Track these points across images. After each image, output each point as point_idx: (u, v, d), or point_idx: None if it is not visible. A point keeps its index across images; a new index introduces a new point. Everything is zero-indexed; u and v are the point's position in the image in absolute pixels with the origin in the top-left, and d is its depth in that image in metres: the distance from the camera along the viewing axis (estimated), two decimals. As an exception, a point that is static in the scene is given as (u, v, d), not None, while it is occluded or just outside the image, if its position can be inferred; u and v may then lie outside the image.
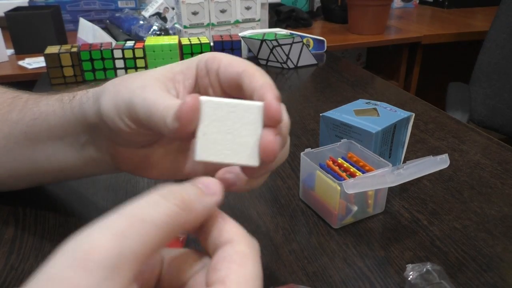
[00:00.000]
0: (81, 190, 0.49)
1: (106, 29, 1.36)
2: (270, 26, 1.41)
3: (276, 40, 0.93)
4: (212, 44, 0.94)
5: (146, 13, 1.41)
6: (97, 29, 1.15)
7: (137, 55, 0.87)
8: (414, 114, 0.51)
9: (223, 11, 1.09)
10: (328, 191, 0.41)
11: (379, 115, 0.49)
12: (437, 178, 0.51)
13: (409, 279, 0.34)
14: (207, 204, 0.22)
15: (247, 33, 1.00)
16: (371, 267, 0.37)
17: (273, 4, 1.56)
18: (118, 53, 0.86)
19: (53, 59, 0.85)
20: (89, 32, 1.16)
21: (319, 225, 0.43)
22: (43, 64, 0.92)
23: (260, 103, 0.25)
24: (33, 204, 0.46)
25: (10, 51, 1.23)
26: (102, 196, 0.48)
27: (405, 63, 1.61)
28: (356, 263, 0.38)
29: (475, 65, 1.31)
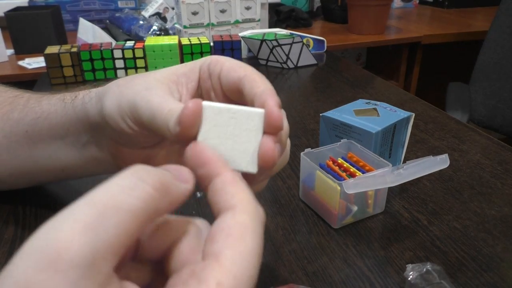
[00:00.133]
0: (81, 189, 0.49)
1: (106, 29, 1.36)
2: (270, 26, 1.41)
3: (276, 40, 0.93)
4: (212, 44, 0.93)
5: (146, 13, 1.41)
6: (97, 29, 1.15)
7: (137, 55, 0.87)
8: (414, 114, 0.51)
9: (223, 11, 1.09)
10: (328, 191, 0.41)
11: (379, 115, 0.49)
12: (437, 178, 0.51)
13: (409, 279, 0.34)
14: (182, 190, 0.21)
15: (247, 33, 1.00)
16: (371, 267, 0.37)
17: (273, 4, 1.56)
18: (118, 53, 0.86)
19: (53, 59, 0.85)
20: (89, 32, 1.16)
21: (319, 225, 0.43)
22: (43, 64, 0.92)
23: (261, 110, 0.25)
24: (33, 203, 0.46)
25: (10, 51, 1.23)
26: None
27: (405, 63, 1.62)
28: (356, 263, 0.38)
29: (475, 65, 1.31)
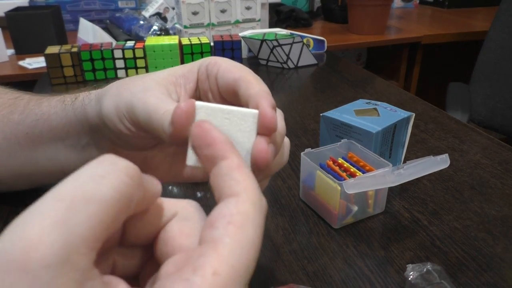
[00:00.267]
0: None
1: (106, 29, 1.36)
2: (270, 26, 1.41)
3: (276, 40, 0.93)
4: (212, 44, 0.94)
5: (146, 13, 1.41)
6: (98, 29, 1.15)
7: (137, 55, 0.87)
8: (414, 114, 0.51)
9: (223, 11, 1.09)
10: (328, 191, 0.41)
11: (379, 115, 0.49)
12: (437, 178, 0.51)
13: (410, 279, 0.34)
14: (153, 186, 0.20)
15: (247, 33, 1.00)
16: (371, 267, 0.37)
17: (273, 4, 1.56)
18: (118, 53, 0.86)
19: (54, 59, 0.85)
20: (90, 32, 1.16)
21: (319, 225, 0.43)
22: (44, 64, 0.92)
23: (255, 111, 0.25)
24: (33, 203, 0.46)
25: (11, 51, 1.23)
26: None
27: (405, 63, 1.62)
28: (356, 263, 0.38)
29: (475, 65, 1.31)
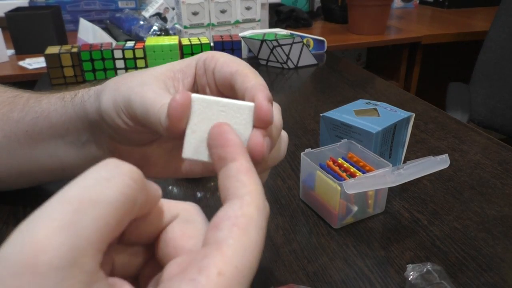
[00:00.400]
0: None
1: (106, 29, 1.36)
2: (270, 26, 1.41)
3: (276, 40, 0.93)
4: (212, 44, 0.94)
5: (146, 14, 1.41)
6: (97, 29, 1.15)
7: (137, 55, 0.87)
8: (414, 114, 0.51)
9: (223, 11, 1.09)
10: (328, 191, 0.41)
11: (379, 115, 0.49)
12: (437, 178, 0.51)
13: (410, 279, 0.34)
14: (154, 190, 0.20)
15: (247, 33, 1.00)
16: (371, 267, 0.37)
17: (273, 4, 1.56)
18: (118, 54, 0.86)
19: (54, 59, 0.85)
20: (90, 33, 1.16)
21: (319, 225, 0.43)
22: (44, 65, 0.92)
23: (251, 104, 0.25)
24: (33, 204, 0.46)
25: (11, 51, 1.23)
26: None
27: (405, 63, 1.62)
28: (356, 263, 0.38)
29: (475, 65, 1.31)
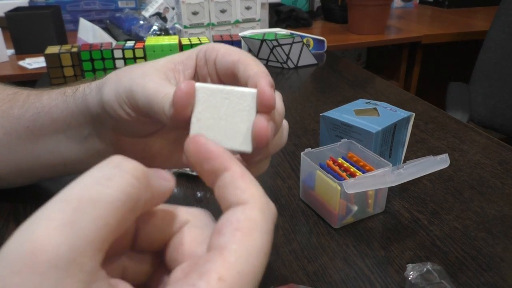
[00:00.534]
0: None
1: (106, 29, 1.36)
2: (270, 26, 1.41)
3: (276, 40, 0.93)
4: (212, 44, 0.94)
5: (146, 13, 1.41)
6: (97, 29, 1.15)
7: (137, 55, 0.87)
8: (414, 114, 0.51)
9: (223, 11, 1.09)
10: (328, 191, 0.41)
11: (379, 115, 0.49)
12: (437, 178, 0.51)
13: (410, 279, 0.34)
14: (163, 186, 0.20)
15: (247, 33, 1.00)
16: (371, 267, 0.37)
17: (273, 4, 1.56)
18: (118, 53, 0.86)
19: (54, 59, 0.85)
20: (89, 32, 1.16)
21: (319, 225, 0.43)
22: (44, 64, 0.92)
23: (253, 90, 0.26)
24: (33, 204, 0.46)
25: (11, 51, 1.23)
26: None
27: (405, 63, 1.62)
28: (356, 263, 0.38)
29: (475, 65, 1.31)
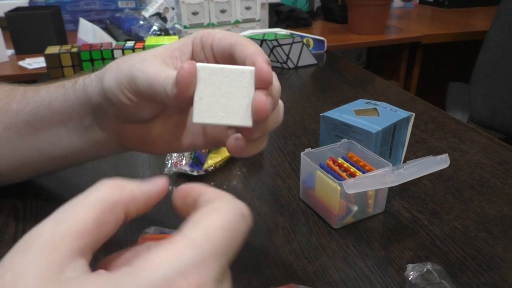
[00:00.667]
0: (82, 189, 0.49)
1: (106, 29, 1.36)
2: (270, 26, 1.41)
3: (276, 40, 0.93)
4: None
5: (146, 13, 1.41)
6: (97, 29, 1.15)
7: (137, 55, 0.87)
8: (414, 114, 0.51)
9: (223, 11, 1.09)
10: (328, 191, 0.41)
11: (379, 115, 0.49)
12: (437, 178, 0.51)
13: (410, 279, 0.34)
14: (145, 187, 0.22)
15: (247, 33, 1.00)
16: (371, 267, 0.37)
17: (273, 4, 1.56)
18: (118, 53, 0.86)
19: (54, 59, 0.85)
20: (89, 32, 1.16)
21: (319, 225, 0.43)
22: (43, 65, 0.92)
23: (252, 68, 0.28)
24: (33, 204, 0.46)
25: (10, 51, 1.23)
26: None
27: (405, 63, 1.61)
28: (356, 263, 0.38)
29: (475, 65, 1.31)
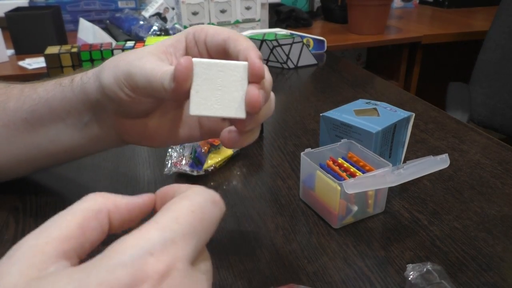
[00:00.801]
0: (82, 190, 0.49)
1: (106, 29, 1.36)
2: (270, 26, 1.41)
3: (276, 40, 0.93)
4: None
5: (146, 13, 1.41)
6: (97, 29, 1.15)
7: (137, 55, 0.87)
8: (414, 114, 0.51)
9: (223, 11, 1.09)
10: (328, 191, 0.41)
11: (379, 115, 0.49)
12: (437, 178, 0.51)
13: (410, 279, 0.34)
14: (128, 198, 0.23)
15: (247, 33, 1.00)
16: (371, 267, 0.37)
17: (273, 4, 1.57)
18: (118, 53, 0.86)
19: (53, 59, 0.85)
20: (89, 32, 1.16)
21: (319, 225, 0.43)
22: (43, 65, 0.92)
23: (245, 63, 0.29)
24: (33, 204, 0.46)
25: (10, 52, 1.23)
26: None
27: (405, 63, 1.61)
28: (356, 263, 0.38)
29: (475, 65, 1.31)
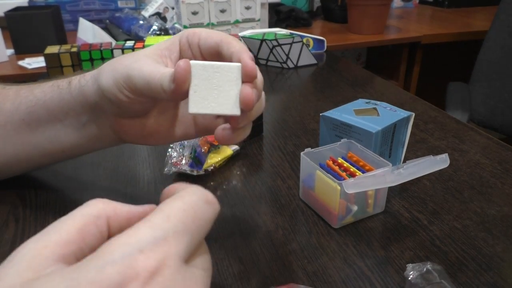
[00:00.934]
0: (82, 189, 0.49)
1: (106, 29, 1.36)
2: (270, 26, 1.41)
3: (276, 40, 0.93)
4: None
5: (146, 13, 1.41)
6: (97, 29, 1.15)
7: (137, 55, 0.87)
8: (414, 114, 0.51)
9: (223, 11, 1.09)
10: (328, 191, 0.41)
11: (379, 115, 0.49)
12: (437, 178, 0.51)
13: (409, 278, 0.34)
14: (128, 206, 0.24)
15: (247, 33, 1.00)
16: (371, 267, 0.37)
17: (273, 4, 1.56)
18: (118, 53, 0.86)
19: (53, 59, 0.85)
20: (89, 32, 1.16)
21: (319, 225, 0.43)
22: (43, 64, 0.92)
23: (238, 64, 0.31)
24: (33, 204, 0.46)
25: (10, 51, 1.23)
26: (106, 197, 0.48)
27: (405, 63, 1.61)
28: (356, 263, 0.38)
29: (475, 65, 1.31)
